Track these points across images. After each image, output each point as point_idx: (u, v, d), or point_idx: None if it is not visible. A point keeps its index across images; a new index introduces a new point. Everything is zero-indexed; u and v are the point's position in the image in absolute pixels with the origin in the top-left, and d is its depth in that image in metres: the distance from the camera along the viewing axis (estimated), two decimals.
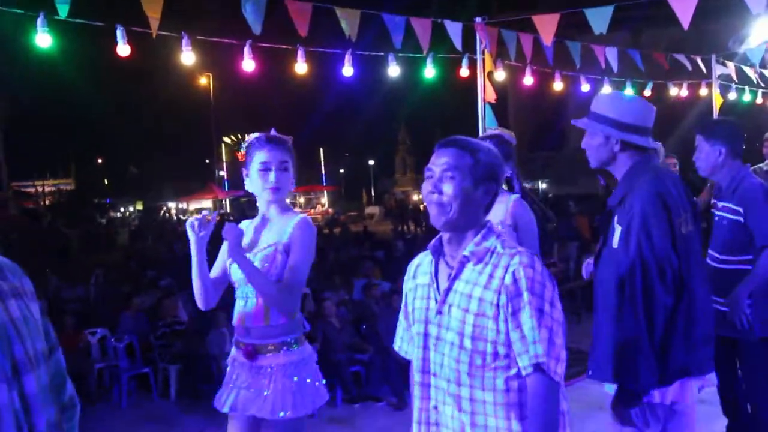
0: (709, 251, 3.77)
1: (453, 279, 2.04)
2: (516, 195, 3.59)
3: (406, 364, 2.31)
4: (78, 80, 40.43)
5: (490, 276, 1.97)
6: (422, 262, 2.21)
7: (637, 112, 2.77)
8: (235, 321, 2.84)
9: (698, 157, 3.72)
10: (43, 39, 4.86)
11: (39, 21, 4.79)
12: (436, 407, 2.09)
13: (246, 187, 2.85)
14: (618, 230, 2.66)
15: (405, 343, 2.30)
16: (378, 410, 6.29)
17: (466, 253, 2.02)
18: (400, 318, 2.32)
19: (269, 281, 2.67)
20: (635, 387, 2.59)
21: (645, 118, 2.79)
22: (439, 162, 2.03)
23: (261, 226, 2.86)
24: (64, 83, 41.47)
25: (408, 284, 2.24)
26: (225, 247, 2.86)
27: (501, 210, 3.40)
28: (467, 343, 1.98)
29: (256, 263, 2.71)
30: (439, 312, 2.06)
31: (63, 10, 4.55)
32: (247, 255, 2.73)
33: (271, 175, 2.74)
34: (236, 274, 2.78)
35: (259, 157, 2.76)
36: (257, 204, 2.88)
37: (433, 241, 2.15)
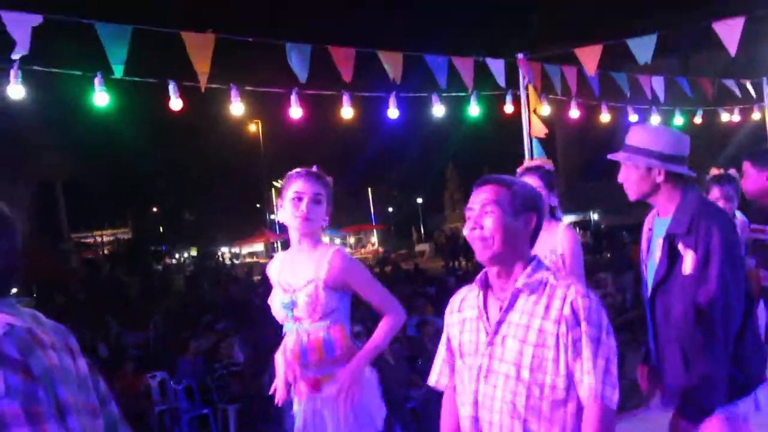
0: (763, 271, 3.89)
1: (506, 311, 2.06)
2: (564, 223, 3.68)
3: None
4: (133, 134, 41.84)
5: (547, 307, 2.00)
6: (467, 296, 2.24)
7: (675, 142, 2.80)
8: (289, 356, 2.85)
9: (746, 181, 3.85)
10: (100, 98, 5.09)
11: (97, 80, 5.02)
12: None
13: (278, 218, 2.91)
14: (690, 256, 2.64)
15: (444, 377, 2.30)
16: None
17: (519, 285, 2.05)
18: (438, 351, 2.33)
19: (382, 333, 2.80)
20: (714, 404, 2.59)
21: (682, 147, 2.81)
22: (477, 199, 2.09)
23: (295, 260, 2.88)
24: (121, 138, 42.96)
25: (452, 317, 2.26)
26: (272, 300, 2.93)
27: (551, 239, 3.42)
28: (525, 374, 1.99)
29: (300, 302, 2.76)
30: (491, 343, 2.08)
31: (118, 70, 4.77)
32: (287, 293, 2.80)
33: (303, 205, 2.78)
34: (282, 313, 2.83)
35: (294, 186, 2.83)
36: (290, 237, 2.92)
37: (479, 275, 2.18)
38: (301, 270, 2.82)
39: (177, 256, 53.78)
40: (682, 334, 2.69)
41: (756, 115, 9.38)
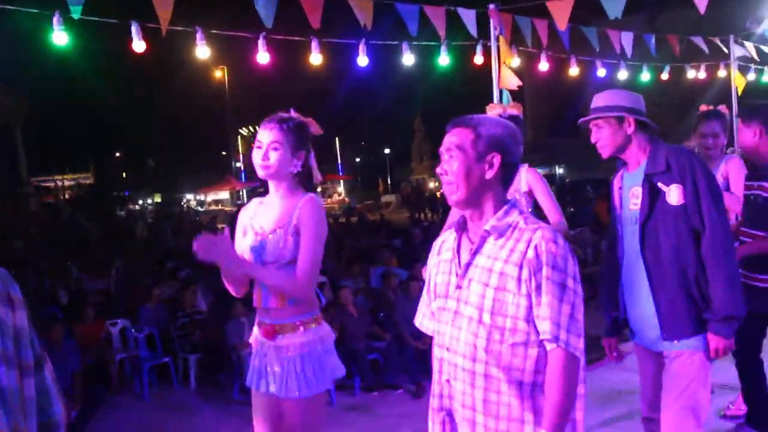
0: (743, 228, 3.93)
1: (474, 253, 2.05)
2: (526, 164, 3.86)
3: (423, 352, 2.35)
4: (94, 77, 40.79)
5: (512, 250, 1.98)
6: (447, 239, 2.23)
7: (635, 99, 3.06)
8: (254, 302, 2.89)
9: (740, 138, 3.96)
10: (59, 37, 4.91)
11: (55, 20, 4.83)
12: (448, 381, 2.11)
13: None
14: (674, 189, 2.88)
15: (426, 319, 2.31)
16: (396, 398, 6.32)
17: (487, 227, 2.04)
18: (423, 294, 2.33)
19: (280, 278, 2.72)
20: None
21: (641, 104, 3.07)
22: (446, 143, 2.08)
23: (270, 205, 2.88)
24: (81, 80, 41.84)
25: (432, 260, 2.26)
26: (239, 238, 2.91)
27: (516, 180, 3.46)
28: (486, 317, 1.99)
29: (268, 246, 2.75)
30: (459, 286, 2.07)
31: (76, 11, 4.58)
32: (258, 235, 2.80)
33: (260, 153, 2.80)
34: (250, 256, 2.83)
35: (258, 135, 2.85)
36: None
37: (458, 217, 2.17)
38: (273, 215, 2.82)
39: (140, 202, 53.09)
40: (681, 262, 2.89)
41: (722, 73, 9.45)
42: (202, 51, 5.53)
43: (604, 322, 3.30)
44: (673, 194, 2.90)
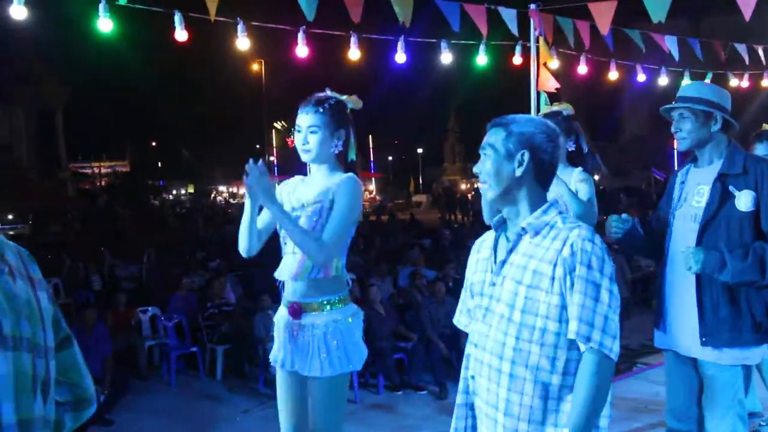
0: None
1: (509, 252, 2.03)
2: (579, 169, 3.64)
3: (448, 355, 2.33)
4: (135, 65, 41.35)
5: (547, 248, 1.95)
6: (487, 238, 2.21)
7: (726, 97, 3.05)
8: (281, 276, 2.87)
9: None
10: (104, 24, 4.96)
11: (101, 6, 4.89)
12: (473, 377, 2.09)
13: None
14: (746, 194, 2.88)
15: (463, 316, 2.28)
16: (420, 399, 6.30)
17: (523, 224, 2.02)
18: (462, 292, 2.31)
19: (306, 234, 2.70)
20: None
21: (729, 102, 3.06)
22: (483, 143, 2.08)
23: (309, 182, 2.90)
24: (122, 68, 42.45)
25: (472, 258, 2.24)
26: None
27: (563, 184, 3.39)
28: (516, 315, 1.96)
29: (304, 218, 2.76)
30: (493, 284, 2.05)
31: None
32: (296, 210, 2.79)
33: (300, 137, 2.83)
34: (281, 231, 2.84)
35: (297, 119, 2.86)
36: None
37: (498, 216, 2.15)
38: (312, 191, 2.83)
39: (174, 192, 53.74)
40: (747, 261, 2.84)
41: (766, 82, 9.23)
42: (243, 43, 5.54)
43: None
44: (744, 199, 2.89)
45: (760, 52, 8.50)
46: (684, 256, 2.89)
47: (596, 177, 3.89)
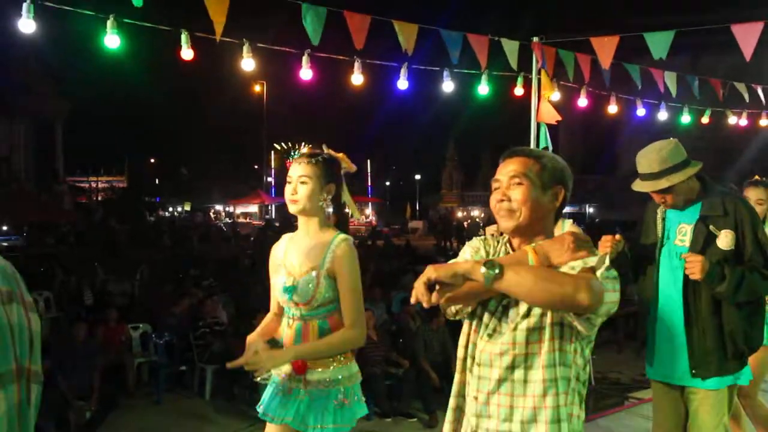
0: None
1: None
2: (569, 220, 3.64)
3: (439, 384, 2.29)
4: (138, 81, 41.57)
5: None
6: (481, 247, 2.18)
7: (678, 147, 3.17)
8: (283, 338, 2.85)
9: None
10: (111, 40, 4.96)
11: (109, 22, 4.90)
12: (476, 398, 2.05)
13: None
14: (726, 234, 3.04)
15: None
16: (409, 426, 6.24)
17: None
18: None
19: (338, 344, 2.74)
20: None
21: (683, 149, 3.19)
22: (506, 171, 2.06)
23: (301, 243, 2.85)
24: (124, 83, 42.65)
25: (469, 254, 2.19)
26: (272, 276, 2.89)
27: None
28: (522, 336, 1.97)
29: (300, 288, 2.72)
30: (504, 306, 2.04)
31: (138, 1, 4.61)
32: (291, 283, 2.75)
33: (289, 188, 2.81)
34: (282, 297, 2.80)
35: (289, 170, 2.87)
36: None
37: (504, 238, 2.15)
38: (303, 254, 2.79)
39: (170, 209, 53.69)
40: (719, 302, 3.04)
41: (764, 122, 9.30)
42: (248, 64, 5.53)
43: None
44: (725, 239, 3.06)
45: (759, 91, 8.58)
46: (690, 264, 3.01)
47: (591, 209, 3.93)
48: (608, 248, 3.12)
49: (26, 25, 4.69)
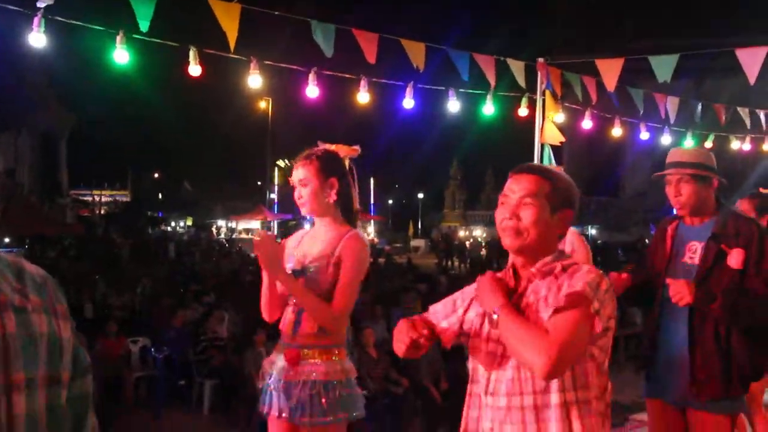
0: None
1: (520, 296, 2.00)
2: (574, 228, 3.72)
3: (440, 399, 2.27)
4: (143, 96, 41.83)
5: (548, 288, 1.94)
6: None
7: (712, 158, 3.20)
8: (282, 325, 2.89)
9: None
10: (121, 56, 4.99)
11: (118, 38, 4.92)
12: (491, 429, 2.00)
13: None
14: (737, 253, 2.98)
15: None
16: None
17: (533, 270, 2.00)
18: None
19: (317, 302, 2.73)
20: None
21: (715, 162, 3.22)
22: (516, 188, 2.02)
23: (315, 236, 2.93)
24: (130, 98, 42.90)
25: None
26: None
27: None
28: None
29: (308, 274, 2.79)
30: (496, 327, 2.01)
31: (144, 25, 4.64)
32: (300, 267, 2.82)
33: (296, 193, 2.91)
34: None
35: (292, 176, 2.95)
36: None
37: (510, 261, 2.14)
38: (317, 245, 2.86)
39: (173, 224, 53.73)
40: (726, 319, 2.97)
41: (766, 146, 9.31)
42: (255, 80, 5.53)
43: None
44: (735, 258, 3.00)
45: (761, 116, 8.59)
46: (674, 290, 2.94)
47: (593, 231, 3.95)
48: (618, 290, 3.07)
49: (37, 39, 4.72)
